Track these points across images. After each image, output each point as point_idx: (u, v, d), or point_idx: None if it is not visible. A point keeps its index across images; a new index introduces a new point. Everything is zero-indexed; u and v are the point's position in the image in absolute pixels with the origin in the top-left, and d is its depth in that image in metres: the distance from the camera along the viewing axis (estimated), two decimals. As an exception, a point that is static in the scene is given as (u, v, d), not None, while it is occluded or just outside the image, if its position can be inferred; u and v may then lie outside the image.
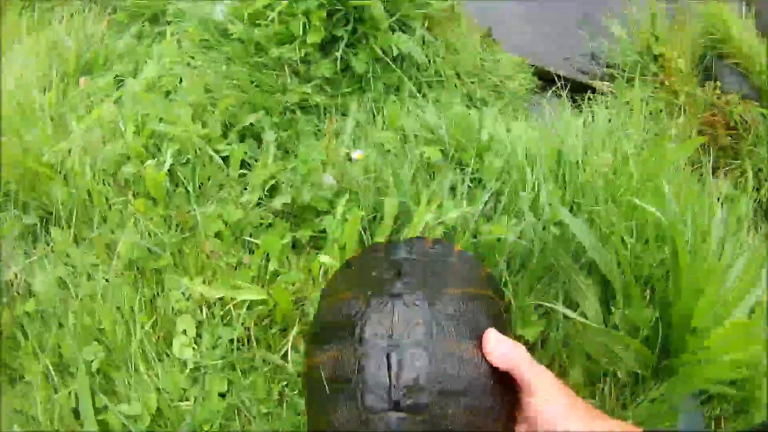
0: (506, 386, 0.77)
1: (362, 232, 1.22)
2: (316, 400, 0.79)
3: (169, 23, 1.69)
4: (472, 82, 1.69)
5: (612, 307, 1.14)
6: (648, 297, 1.18)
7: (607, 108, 1.87)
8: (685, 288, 1.06)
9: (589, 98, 1.89)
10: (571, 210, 1.30)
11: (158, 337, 1.17)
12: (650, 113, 1.91)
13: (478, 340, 0.76)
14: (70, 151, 1.44)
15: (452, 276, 0.85)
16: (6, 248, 1.36)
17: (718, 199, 1.52)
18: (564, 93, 1.80)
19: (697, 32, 2.17)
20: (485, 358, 0.74)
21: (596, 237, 1.16)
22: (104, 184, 1.38)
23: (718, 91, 1.98)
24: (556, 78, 1.93)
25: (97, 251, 1.29)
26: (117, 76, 1.62)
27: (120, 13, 1.81)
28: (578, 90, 1.99)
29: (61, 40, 1.77)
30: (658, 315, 1.11)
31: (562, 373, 1.13)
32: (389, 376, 0.72)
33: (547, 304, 1.13)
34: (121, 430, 1.08)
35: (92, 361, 1.14)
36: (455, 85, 1.65)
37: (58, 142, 1.47)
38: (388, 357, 0.73)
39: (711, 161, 1.77)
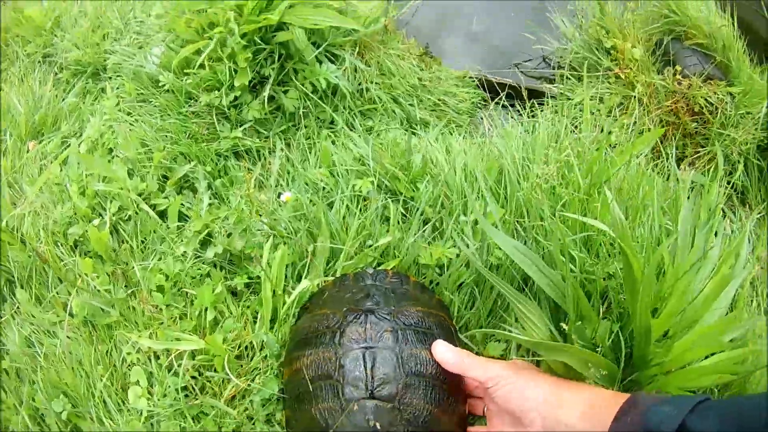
0: (457, 386, 1.13)
1: (295, 272, 1.36)
2: (300, 398, 1.13)
3: (109, 78, 1.84)
4: (410, 105, 1.81)
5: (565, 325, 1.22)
6: (604, 310, 1.27)
7: (556, 112, 1.95)
8: (642, 300, 1.09)
9: (540, 104, 1.98)
10: (516, 229, 1.39)
11: (116, 389, 1.34)
12: (609, 111, 1.98)
13: (441, 338, 1.12)
14: (24, 216, 1.60)
15: (410, 298, 1.21)
16: None
17: (691, 189, 1.60)
18: (505, 102, 1.90)
19: (651, 17, 2.23)
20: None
21: (539, 256, 1.25)
22: (57, 246, 1.54)
23: (678, 77, 2.01)
24: (499, 88, 2.02)
25: (56, 310, 1.45)
26: (63, 137, 1.77)
27: (64, 72, 1.96)
28: (533, 97, 2.07)
29: (14, 104, 1.93)
30: (619, 327, 1.18)
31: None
32: (365, 372, 1.06)
33: (495, 331, 1.23)
34: None
35: (61, 413, 1.31)
36: (393, 111, 1.76)
37: (15, 205, 1.63)
38: (363, 357, 1.07)
39: (674, 152, 1.85)
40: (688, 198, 1.45)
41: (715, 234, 1.40)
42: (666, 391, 1.14)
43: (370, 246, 1.38)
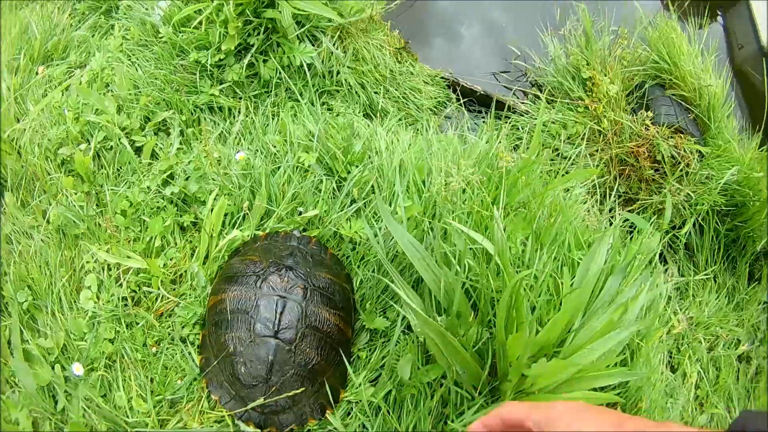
0: (344, 348, 1.48)
1: (234, 221, 1.67)
2: (218, 324, 1.48)
3: (118, 19, 2.13)
4: (376, 92, 2.06)
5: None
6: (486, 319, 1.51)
7: (515, 127, 2.18)
8: (499, 317, 1.31)
9: (506, 117, 2.20)
10: (427, 228, 1.64)
11: (71, 290, 1.70)
12: (568, 137, 2.18)
13: (334, 309, 1.47)
14: (24, 130, 1.91)
15: (324, 266, 1.56)
16: None
17: (630, 233, 1.81)
18: (472, 108, 2.13)
19: (639, 58, 2.42)
20: (336, 323, 1.45)
21: (432, 255, 1.49)
22: (47, 161, 1.86)
23: (648, 122, 2.19)
24: (458, 92, 2.23)
25: (36, 216, 1.79)
26: (69, 66, 2.08)
27: (82, 4, 2.25)
28: (501, 109, 2.33)
29: (31, 28, 2.23)
30: (489, 337, 1.42)
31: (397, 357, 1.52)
32: (275, 315, 1.41)
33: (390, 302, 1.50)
34: (38, 363, 1.57)
35: (23, 303, 1.68)
36: (357, 95, 2.03)
37: (18, 120, 1.95)
38: (276, 303, 1.42)
39: (615, 192, 2.03)
40: (611, 242, 1.64)
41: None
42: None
43: (300, 214, 1.68)
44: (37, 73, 2.14)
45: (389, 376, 1.50)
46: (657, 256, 1.80)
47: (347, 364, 1.50)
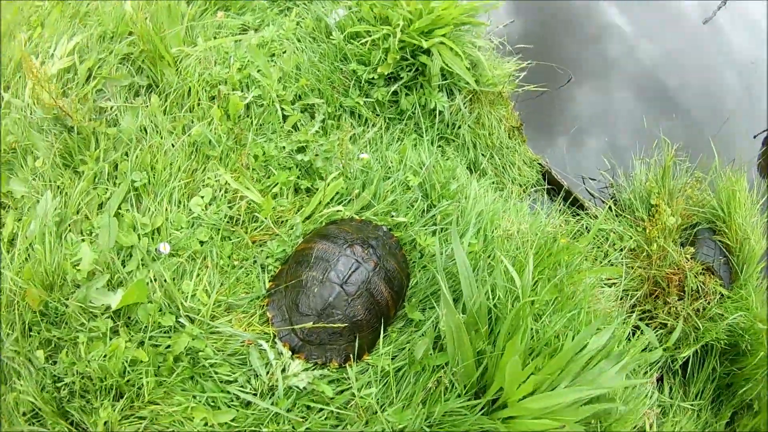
0: (385, 318, 2.30)
1: (340, 200, 2.56)
2: (300, 262, 2.28)
3: (297, 6, 3.15)
4: (483, 155, 3.03)
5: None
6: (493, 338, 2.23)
7: (582, 227, 3.12)
8: (502, 334, 2.06)
9: (577, 214, 3.16)
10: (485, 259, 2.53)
11: (186, 192, 2.36)
12: (621, 249, 3.09)
13: (390, 288, 2.27)
14: (189, 56, 2.86)
15: (395, 258, 2.34)
16: (111, 87, 2.60)
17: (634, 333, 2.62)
18: (544, 194, 3.08)
19: (702, 201, 3.19)
20: (387, 299, 2.28)
21: (475, 278, 2.37)
22: (202, 89, 2.78)
23: (688, 256, 2.92)
24: (546, 179, 3.18)
25: (177, 125, 2.55)
26: (243, 24, 3.06)
27: (271, -22, 3.25)
28: (576, 206, 3.19)
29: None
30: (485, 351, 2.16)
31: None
32: (347, 272, 2.23)
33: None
34: (127, 228, 2.22)
35: (136, 182, 2.32)
36: (468, 150, 3.00)
37: (185, 45, 2.89)
38: (352, 264, 2.25)
39: (637, 302, 2.77)
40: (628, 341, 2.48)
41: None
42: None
43: (392, 216, 2.57)
44: (217, 16, 3.03)
45: (407, 357, 2.13)
46: (654, 370, 2.48)
47: (381, 333, 2.18)
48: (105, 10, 2.86)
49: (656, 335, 2.86)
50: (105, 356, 1.95)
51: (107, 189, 2.33)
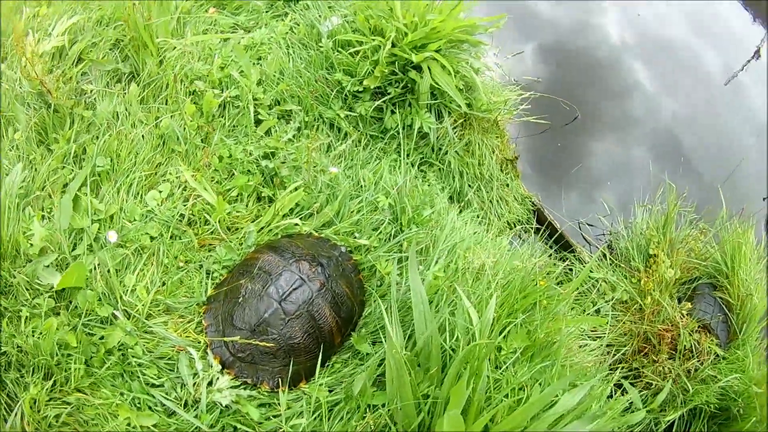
0: (323, 349, 2.12)
1: (300, 213, 2.41)
2: (243, 272, 2.16)
3: (293, 12, 3.03)
4: (470, 185, 2.85)
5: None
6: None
7: (569, 268, 2.92)
8: (449, 377, 1.90)
9: (566, 258, 2.96)
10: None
11: (144, 184, 2.33)
12: (611, 299, 2.88)
13: (336, 314, 2.13)
14: (174, 48, 2.76)
15: (348, 282, 2.22)
16: (96, 70, 2.60)
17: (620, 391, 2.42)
18: (532, 233, 2.89)
19: (705, 255, 3.05)
20: (331, 325, 2.12)
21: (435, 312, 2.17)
22: (180, 82, 2.67)
23: (684, 312, 2.79)
24: (537, 216, 3.00)
25: (149, 116, 2.50)
26: (235, 24, 2.96)
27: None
28: (567, 250, 3.04)
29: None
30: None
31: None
32: (288, 289, 2.09)
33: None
34: (82, 212, 2.17)
35: (99, 167, 2.30)
36: (453, 178, 2.82)
37: (171, 37, 2.79)
38: (295, 281, 2.11)
39: (622, 358, 2.61)
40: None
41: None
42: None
43: (355, 237, 2.41)
44: (206, 11, 2.96)
45: (345, 391, 2.03)
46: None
47: (319, 361, 2.05)
48: (108, -2, 2.83)
49: (641, 395, 2.71)
50: (40, 333, 1.93)
51: (72, 170, 2.31)
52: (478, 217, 2.87)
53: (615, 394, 2.52)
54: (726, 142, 3.91)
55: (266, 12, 3.05)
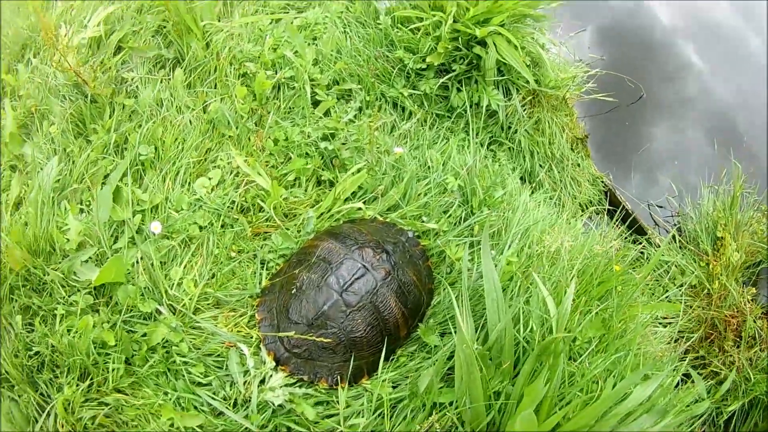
0: (391, 340, 1.89)
1: (364, 197, 2.21)
2: (301, 261, 1.95)
3: (347, -10, 2.84)
4: (541, 165, 2.62)
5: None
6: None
7: (640, 251, 2.68)
8: (524, 372, 1.67)
9: (638, 242, 2.73)
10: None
11: (193, 171, 2.17)
12: (681, 284, 2.65)
13: (402, 304, 1.90)
14: (221, 31, 2.59)
15: (416, 269, 2.00)
16: (136, 57, 2.47)
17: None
18: (605, 215, 2.65)
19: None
20: (397, 316, 1.89)
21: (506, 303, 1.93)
22: (230, 65, 2.50)
23: (749, 297, 2.61)
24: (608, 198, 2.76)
25: (196, 100, 2.34)
26: (287, 3, 2.79)
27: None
28: (639, 233, 2.82)
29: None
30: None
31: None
32: (350, 277, 1.87)
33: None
34: (126, 201, 2.02)
35: (143, 155, 2.15)
36: (523, 158, 2.60)
37: (219, 19, 2.63)
38: (357, 269, 1.88)
39: (690, 346, 2.43)
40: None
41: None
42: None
43: (423, 221, 2.20)
44: None
45: (411, 387, 1.82)
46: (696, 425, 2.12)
47: (382, 356, 1.84)
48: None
49: (705, 385, 2.50)
50: (75, 332, 1.79)
51: (113, 161, 2.16)
52: (550, 198, 2.65)
53: (681, 384, 2.30)
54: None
55: (317, -9, 2.87)
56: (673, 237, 2.83)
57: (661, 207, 3.08)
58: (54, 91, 2.36)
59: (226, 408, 1.75)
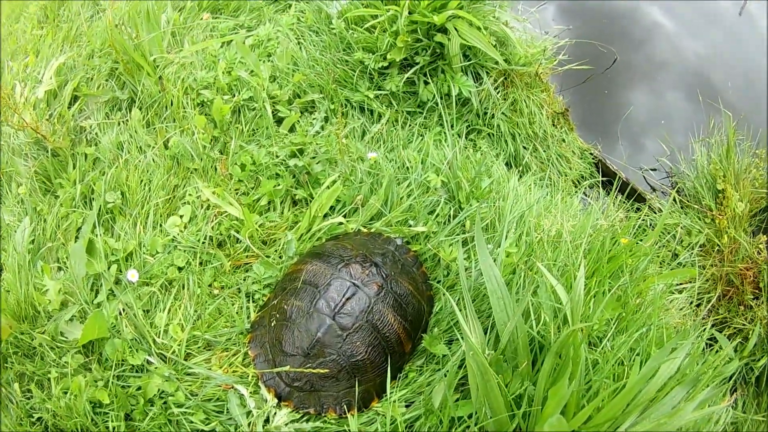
0: (393, 361, 1.69)
1: (343, 210, 2.00)
2: (286, 289, 1.75)
3: (296, 1, 2.64)
4: (525, 147, 2.41)
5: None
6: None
7: (643, 222, 2.47)
8: (544, 370, 1.47)
9: (638, 209, 2.52)
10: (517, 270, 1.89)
11: (163, 211, 1.99)
12: (690, 245, 2.47)
13: (401, 318, 1.71)
14: (173, 62, 2.39)
15: (410, 278, 1.82)
16: (92, 104, 2.29)
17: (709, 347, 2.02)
18: (600, 188, 2.43)
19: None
20: (398, 332, 1.69)
21: (512, 298, 1.72)
22: (185, 95, 2.29)
23: (762, 246, 2.44)
24: (600, 170, 2.56)
25: (156, 138, 2.16)
26: (236, 25, 2.58)
27: (267, -25, 2.80)
28: (637, 199, 2.66)
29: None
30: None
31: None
32: (340, 298, 1.67)
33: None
34: (98, 255, 1.85)
35: (110, 203, 1.98)
36: (505, 142, 2.38)
37: (167, 52, 2.43)
38: (347, 288, 1.69)
39: (712, 308, 2.25)
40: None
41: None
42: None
43: (410, 226, 1.99)
44: (202, 18, 2.60)
45: (425, 404, 1.65)
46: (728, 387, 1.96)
47: (389, 375, 1.66)
48: (95, 30, 2.61)
49: (732, 345, 2.27)
50: (71, 394, 1.67)
51: (82, 213, 2.01)
52: (540, 180, 2.45)
53: (707, 348, 2.14)
54: (751, 72, 3.53)
55: (267, 6, 2.68)
56: (674, 199, 2.62)
57: (654, 170, 2.89)
58: (17, 152, 2.22)
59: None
